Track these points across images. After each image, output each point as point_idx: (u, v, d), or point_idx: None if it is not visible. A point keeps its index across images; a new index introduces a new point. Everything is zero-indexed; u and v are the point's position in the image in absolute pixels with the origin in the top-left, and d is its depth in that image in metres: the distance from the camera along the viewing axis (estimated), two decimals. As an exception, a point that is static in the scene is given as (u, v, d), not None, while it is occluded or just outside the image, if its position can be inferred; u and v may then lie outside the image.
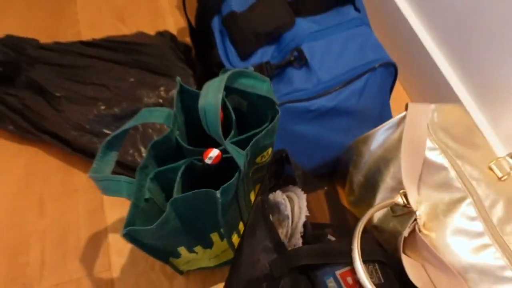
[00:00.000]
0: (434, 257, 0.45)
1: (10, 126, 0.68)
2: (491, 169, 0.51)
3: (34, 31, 0.83)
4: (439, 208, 0.49)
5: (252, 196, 0.56)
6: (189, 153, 0.47)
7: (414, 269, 0.46)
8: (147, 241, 0.46)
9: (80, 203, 0.66)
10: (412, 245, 0.48)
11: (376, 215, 0.53)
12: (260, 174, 0.54)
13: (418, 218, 0.48)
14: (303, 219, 0.43)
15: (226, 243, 0.56)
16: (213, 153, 0.43)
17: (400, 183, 0.51)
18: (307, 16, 0.61)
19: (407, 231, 0.47)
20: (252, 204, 0.49)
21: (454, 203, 0.48)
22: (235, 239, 0.56)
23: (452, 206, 0.48)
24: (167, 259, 0.53)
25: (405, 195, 0.49)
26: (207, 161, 0.43)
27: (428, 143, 0.51)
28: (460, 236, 0.47)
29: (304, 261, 0.41)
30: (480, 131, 0.56)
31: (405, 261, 0.46)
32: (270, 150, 0.50)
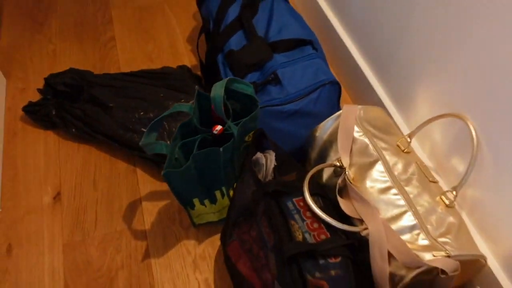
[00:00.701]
0: (358, 195, 0.72)
1: (73, 129, 0.96)
2: (398, 145, 0.79)
3: (88, 67, 1.14)
4: (362, 168, 0.76)
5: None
6: (201, 132, 0.75)
7: (344, 204, 0.72)
8: (175, 184, 0.72)
9: (122, 182, 0.93)
10: (345, 192, 0.75)
11: (324, 176, 0.80)
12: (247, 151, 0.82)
13: (348, 174, 0.75)
14: (272, 167, 0.70)
15: (226, 200, 0.82)
16: (218, 127, 0.71)
17: (339, 155, 0.78)
18: (280, 53, 0.91)
19: (341, 180, 0.74)
20: (241, 163, 0.76)
21: (371, 164, 0.75)
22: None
23: (369, 166, 0.75)
24: (186, 205, 0.79)
25: (340, 161, 0.77)
26: (214, 132, 0.71)
27: (356, 129, 0.79)
28: (374, 183, 0.73)
29: (272, 188, 0.67)
30: (395, 124, 0.84)
31: (339, 199, 0.73)
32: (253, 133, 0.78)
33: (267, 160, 0.71)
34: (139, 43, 1.20)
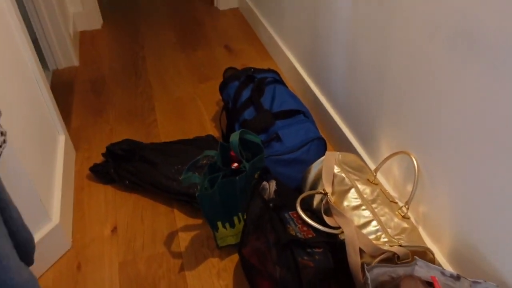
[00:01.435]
0: (337, 211, 0.99)
1: (126, 181, 1.28)
2: (368, 179, 1.07)
3: (137, 139, 1.49)
4: (340, 194, 1.03)
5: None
6: (223, 170, 1.06)
7: (328, 219, 0.99)
8: (204, 207, 1.01)
9: (163, 219, 1.21)
10: (329, 211, 1.02)
11: (314, 203, 1.07)
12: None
13: (330, 197, 1.03)
14: (273, 190, 0.99)
15: (241, 225, 1.09)
16: (235, 164, 1.02)
17: (323, 187, 1.07)
18: (281, 119, 1.24)
19: (325, 201, 1.01)
20: (251, 191, 1.05)
21: (347, 191, 1.03)
22: (246, 222, 1.10)
23: (346, 192, 1.03)
24: (212, 228, 1.07)
25: (324, 190, 1.05)
26: (232, 167, 1.02)
27: (336, 168, 1.08)
28: (349, 203, 1.00)
29: (274, 203, 0.95)
30: (367, 166, 1.14)
31: (324, 216, 0.99)
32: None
33: (270, 185, 1.00)
34: (175, 123, 1.57)
